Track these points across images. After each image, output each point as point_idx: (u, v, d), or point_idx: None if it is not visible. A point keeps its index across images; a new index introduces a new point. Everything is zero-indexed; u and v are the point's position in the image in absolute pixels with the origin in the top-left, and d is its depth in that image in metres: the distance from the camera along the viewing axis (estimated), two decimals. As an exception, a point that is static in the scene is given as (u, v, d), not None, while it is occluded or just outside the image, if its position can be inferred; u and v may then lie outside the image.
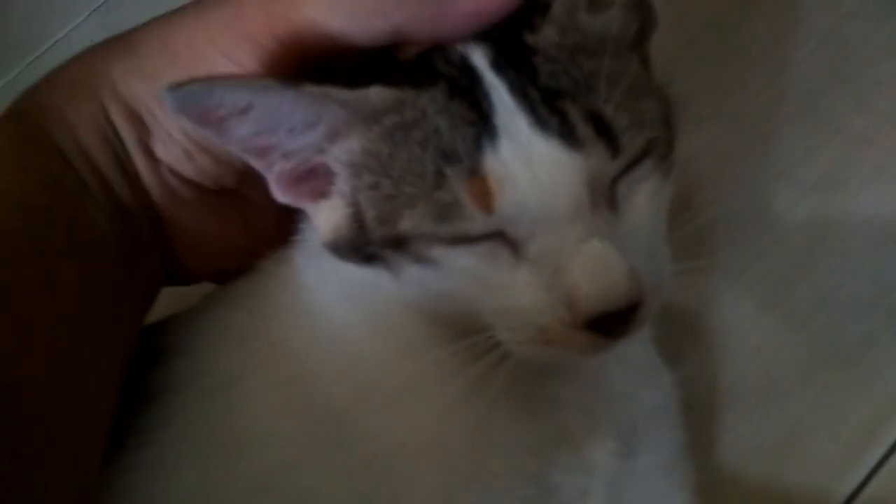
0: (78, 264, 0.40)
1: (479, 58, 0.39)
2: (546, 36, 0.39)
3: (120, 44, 0.43)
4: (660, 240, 0.40)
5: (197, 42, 0.40)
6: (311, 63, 0.40)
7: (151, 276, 0.45)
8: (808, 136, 0.62)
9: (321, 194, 0.41)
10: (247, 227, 0.47)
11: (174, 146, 0.42)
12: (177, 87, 0.36)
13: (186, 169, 0.43)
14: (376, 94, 0.38)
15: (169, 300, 0.48)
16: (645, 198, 0.39)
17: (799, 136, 0.62)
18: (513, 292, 0.38)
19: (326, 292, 0.44)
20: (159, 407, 0.43)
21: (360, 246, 0.40)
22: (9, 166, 0.40)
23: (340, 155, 0.40)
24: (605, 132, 0.37)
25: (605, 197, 0.38)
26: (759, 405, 0.55)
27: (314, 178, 0.41)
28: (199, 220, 0.45)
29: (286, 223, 0.46)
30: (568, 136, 0.36)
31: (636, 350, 0.46)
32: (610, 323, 0.37)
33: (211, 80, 0.37)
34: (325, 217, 0.42)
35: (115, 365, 0.42)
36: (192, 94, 0.36)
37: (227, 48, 0.40)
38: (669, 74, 0.44)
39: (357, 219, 0.40)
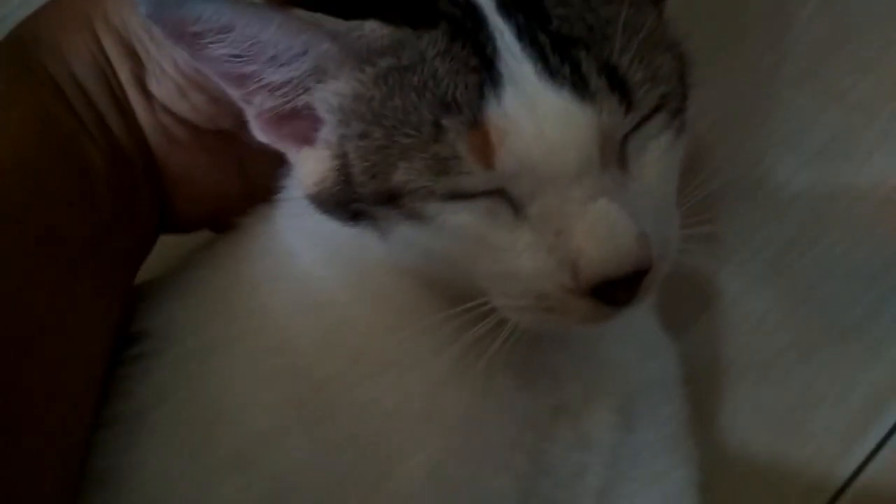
0: (71, 201, 0.38)
1: None
2: None
3: None
4: (671, 202, 0.38)
5: None
6: None
7: (146, 218, 0.43)
8: (811, 101, 0.60)
9: (306, 140, 0.38)
10: (244, 171, 0.44)
11: (168, 82, 0.41)
12: None
13: (180, 107, 0.41)
14: (371, 30, 0.35)
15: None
16: (657, 156, 0.36)
17: (801, 101, 0.60)
18: (512, 255, 0.35)
19: (311, 255, 0.41)
20: (137, 367, 0.41)
21: (346, 201, 0.37)
22: (2, 97, 0.39)
23: (328, 97, 0.37)
24: (619, 85, 0.34)
25: (614, 154, 0.35)
26: (761, 380, 0.54)
27: (298, 120, 0.38)
28: (193, 162, 0.43)
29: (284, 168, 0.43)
30: (580, 87, 0.34)
31: (639, 319, 0.44)
32: (615, 290, 0.34)
33: None
34: (309, 167, 0.39)
35: (108, 314, 0.40)
36: (168, 3, 0.33)
37: None
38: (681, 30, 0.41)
39: (344, 171, 0.37)
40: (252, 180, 0.44)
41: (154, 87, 0.41)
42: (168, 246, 0.46)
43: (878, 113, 0.58)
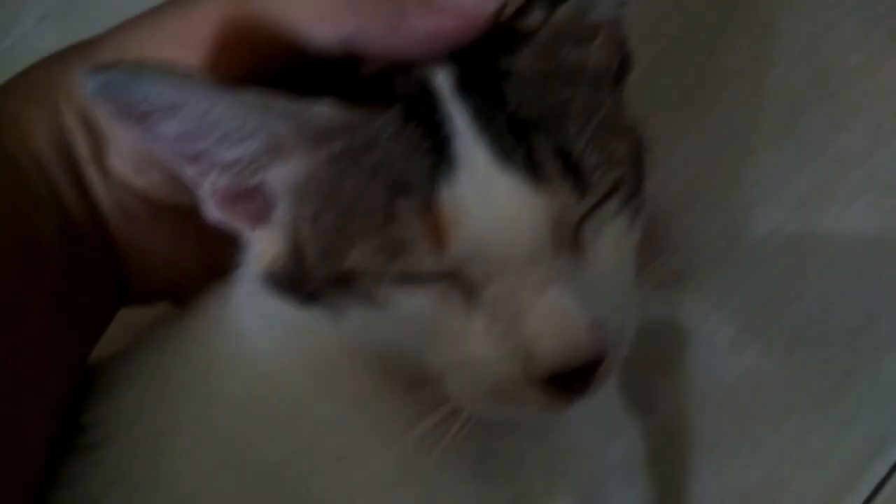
0: (24, 278, 0.37)
1: (441, 79, 0.35)
2: (521, 61, 0.35)
3: (78, 51, 0.40)
4: (627, 286, 0.37)
5: (148, 51, 0.37)
6: (265, 74, 0.36)
7: (102, 295, 0.42)
8: (788, 156, 0.59)
9: (259, 219, 0.37)
10: (203, 244, 0.43)
11: (126, 157, 0.40)
12: (99, 69, 0.32)
13: (138, 182, 0.40)
14: (323, 111, 0.34)
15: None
16: (612, 241, 0.36)
17: (778, 155, 0.59)
18: (464, 342, 0.34)
19: (266, 338, 0.40)
20: (87, 457, 0.39)
21: (299, 283, 0.36)
22: None
23: (282, 177, 0.36)
24: (574, 170, 0.34)
25: (569, 239, 0.34)
26: (735, 449, 0.52)
27: (252, 200, 0.37)
28: (151, 236, 0.42)
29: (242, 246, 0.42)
30: (533, 172, 0.33)
31: (601, 400, 0.42)
32: (569, 380, 0.33)
33: (139, 67, 0.33)
34: (263, 247, 0.38)
35: (58, 395, 0.39)
36: (114, 81, 0.32)
37: (175, 57, 0.36)
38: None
39: (297, 252, 0.36)
40: (212, 253, 0.43)
41: (112, 162, 0.40)
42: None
43: (856, 167, 0.58)
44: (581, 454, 0.42)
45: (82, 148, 0.40)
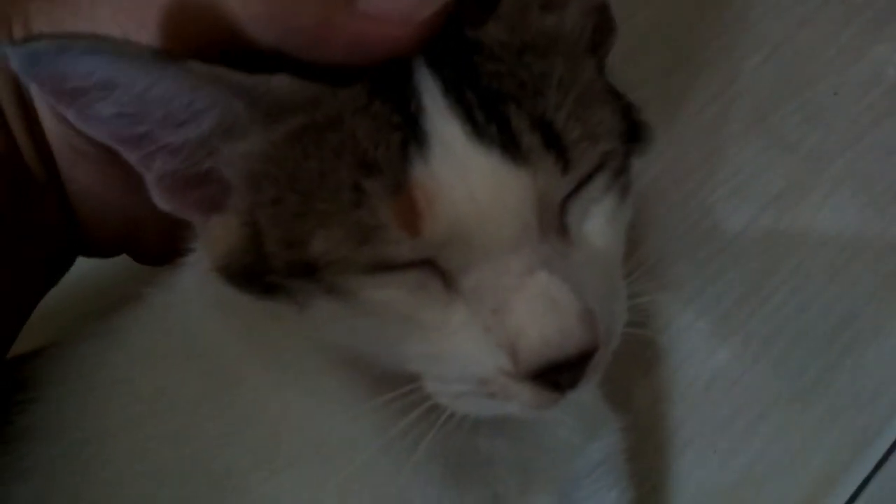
0: None
1: None
2: (491, 32, 0.32)
3: None
4: (617, 272, 0.34)
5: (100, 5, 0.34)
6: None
7: (52, 237, 0.39)
8: (761, 151, 0.58)
9: (213, 206, 0.34)
10: None
11: None
12: (24, 42, 0.28)
13: None
14: (281, 84, 0.31)
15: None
16: (601, 222, 0.33)
17: (751, 150, 0.58)
18: (444, 334, 0.31)
19: (220, 330, 0.36)
20: (15, 459, 0.36)
21: (258, 273, 0.33)
22: None
23: (235, 159, 0.33)
24: (555, 143, 0.31)
25: (554, 221, 0.32)
26: (712, 447, 0.50)
27: (204, 186, 0.34)
28: (102, 177, 0.38)
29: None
30: (511, 146, 0.30)
31: (582, 396, 0.40)
32: (559, 374, 0.31)
33: (66, 39, 0.29)
34: (217, 236, 0.34)
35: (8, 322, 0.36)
36: (41, 55, 0.28)
37: (126, 25, 0.33)
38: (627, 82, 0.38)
39: (255, 240, 0.33)
40: None
41: None
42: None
43: (830, 163, 0.57)
44: (561, 453, 0.39)
45: None
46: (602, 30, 0.37)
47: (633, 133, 0.35)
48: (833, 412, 0.51)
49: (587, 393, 0.40)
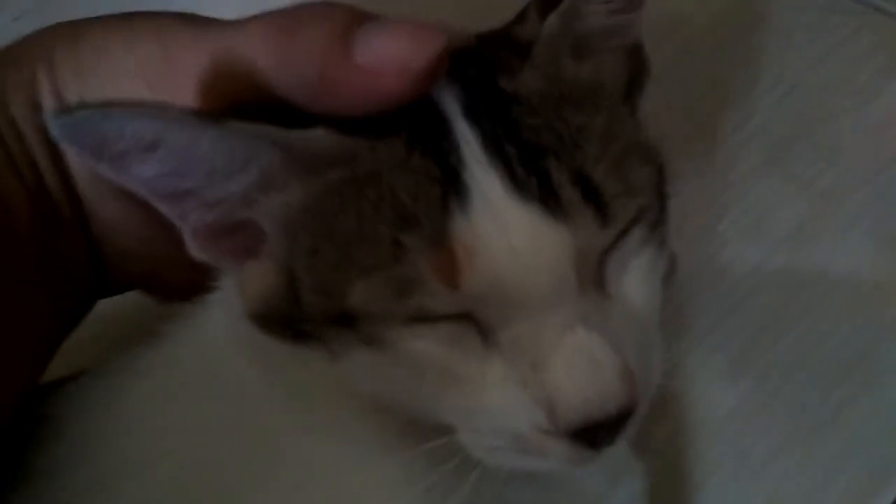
0: None
1: (450, 102, 0.32)
2: (527, 83, 0.32)
3: (63, 28, 0.37)
4: (654, 326, 0.34)
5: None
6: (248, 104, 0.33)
7: (77, 274, 0.39)
8: (777, 187, 0.57)
9: (248, 253, 0.34)
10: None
11: None
12: (65, 112, 0.29)
13: None
14: (319, 139, 0.31)
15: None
16: (638, 275, 0.33)
17: (767, 187, 0.57)
18: (480, 388, 0.31)
19: (247, 372, 0.36)
20: (35, 496, 0.36)
21: (292, 320, 0.33)
22: None
23: (273, 211, 0.33)
24: (594, 197, 0.31)
25: (592, 275, 0.32)
26: (729, 482, 0.50)
27: (240, 234, 0.34)
28: (127, 215, 0.38)
29: None
30: (551, 201, 0.30)
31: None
32: (597, 432, 0.31)
33: (109, 106, 0.30)
34: (251, 282, 0.34)
35: (22, 381, 0.36)
36: (84, 123, 0.29)
37: (153, 78, 0.34)
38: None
39: (291, 288, 0.33)
40: None
41: None
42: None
43: (846, 201, 0.57)
44: (587, 499, 0.39)
45: None
46: (637, 73, 0.37)
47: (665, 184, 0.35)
48: (850, 447, 0.51)
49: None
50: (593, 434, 0.31)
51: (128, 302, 0.44)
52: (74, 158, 0.36)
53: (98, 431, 0.37)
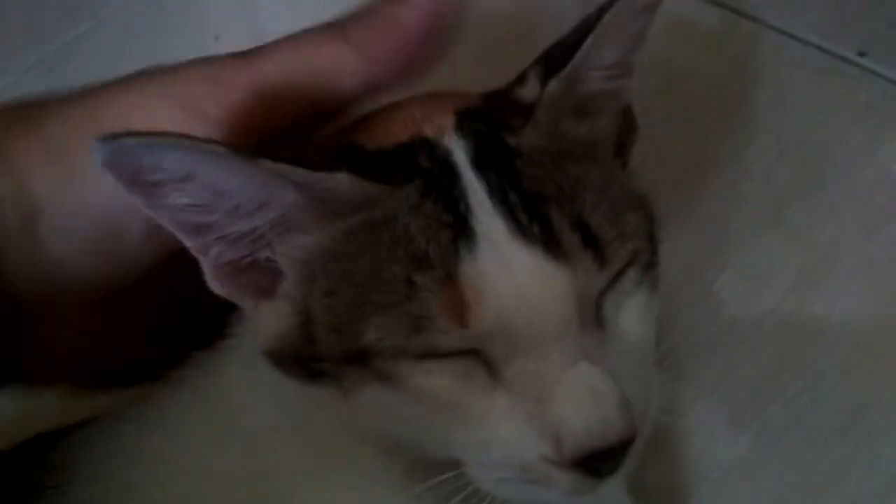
0: None
1: (460, 153, 0.34)
2: (529, 139, 0.35)
3: (25, 113, 0.37)
4: (649, 361, 0.36)
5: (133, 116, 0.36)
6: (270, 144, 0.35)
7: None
8: (776, 246, 0.59)
9: (264, 292, 0.36)
10: (120, 326, 0.40)
11: (59, 233, 0.37)
12: (110, 138, 0.30)
13: (66, 255, 0.37)
14: (343, 183, 0.33)
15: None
16: (634, 314, 0.35)
17: (766, 243, 0.59)
18: (487, 422, 0.33)
19: (264, 414, 0.38)
20: None
21: (307, 359, 0.34)
22: None
23: (292, 251, 0.34)
24: (592, 242, 0.33)
25: (591, 314, 0.34)
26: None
27: (258, 272, 0.35)
28: (67, 301, 0.38)
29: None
30: (552, 244, 0.32)
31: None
32: (600, 461, 0.32)
33: (153, 136, 0.31)
34: (268, 321, 0.36)
35: None
36: (127, 150, 0.30)
37: (168, 119, 0.35)
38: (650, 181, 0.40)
39: (307, 327, 0.34)
40: (127, 336, 0.40)
41: (43, 234, 0.37)
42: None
43: (842, 260, 0.58)
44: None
45: (10, 220, 0.36)
46: (626, 131, 0.39)
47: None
48: (850, 499, 0.51)
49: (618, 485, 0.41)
50: (597, 463, 0.32)
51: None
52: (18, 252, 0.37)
53: (116, 477, 0.38)
